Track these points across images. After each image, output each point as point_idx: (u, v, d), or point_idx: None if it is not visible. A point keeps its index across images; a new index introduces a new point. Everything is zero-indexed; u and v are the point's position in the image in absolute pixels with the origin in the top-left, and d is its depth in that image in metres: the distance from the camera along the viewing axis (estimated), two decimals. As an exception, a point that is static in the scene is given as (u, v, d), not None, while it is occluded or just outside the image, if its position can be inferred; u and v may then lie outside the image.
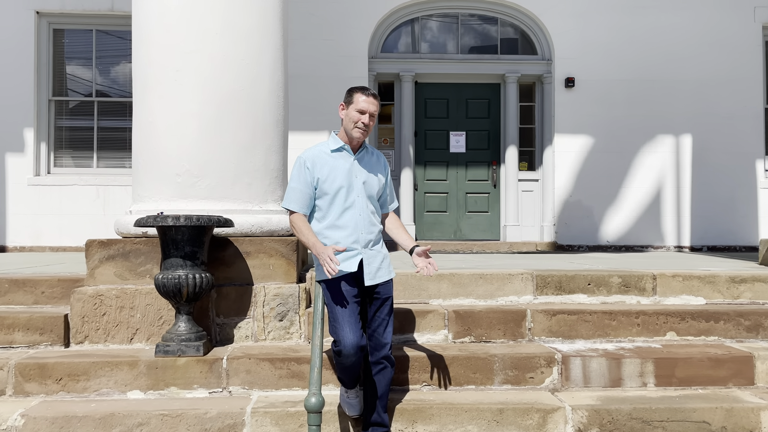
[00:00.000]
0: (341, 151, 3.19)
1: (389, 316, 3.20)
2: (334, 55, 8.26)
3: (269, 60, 4.23)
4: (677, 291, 4.27)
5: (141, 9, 4.11)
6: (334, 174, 3.13)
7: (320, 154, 3.18)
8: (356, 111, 3.10)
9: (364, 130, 3.13)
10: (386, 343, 3.16)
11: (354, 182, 3.16)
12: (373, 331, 3.17)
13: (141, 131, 4.16)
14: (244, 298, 3.91)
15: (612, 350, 3.76)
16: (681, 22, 8.49)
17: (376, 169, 3.27)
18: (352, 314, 3.03)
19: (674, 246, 8.52)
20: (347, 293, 3.07)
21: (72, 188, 8.06)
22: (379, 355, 3.14)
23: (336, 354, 3.04)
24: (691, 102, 8.50)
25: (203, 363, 3.51)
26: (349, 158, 3.19)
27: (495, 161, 8.77)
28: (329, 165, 3.14)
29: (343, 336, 2.97)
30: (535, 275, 4.24)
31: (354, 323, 3.01)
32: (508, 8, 8.64)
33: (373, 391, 3.15)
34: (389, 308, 3.21)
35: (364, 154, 3.25)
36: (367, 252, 3.15)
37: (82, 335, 3.81)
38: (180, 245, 3.54)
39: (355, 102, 3.11)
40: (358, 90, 3.13)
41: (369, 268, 3.14)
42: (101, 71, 8.35)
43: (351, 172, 3.16)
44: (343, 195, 3.13)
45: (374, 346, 3.16)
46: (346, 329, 2.97)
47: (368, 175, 3.21)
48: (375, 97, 3.14)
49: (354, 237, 3.13)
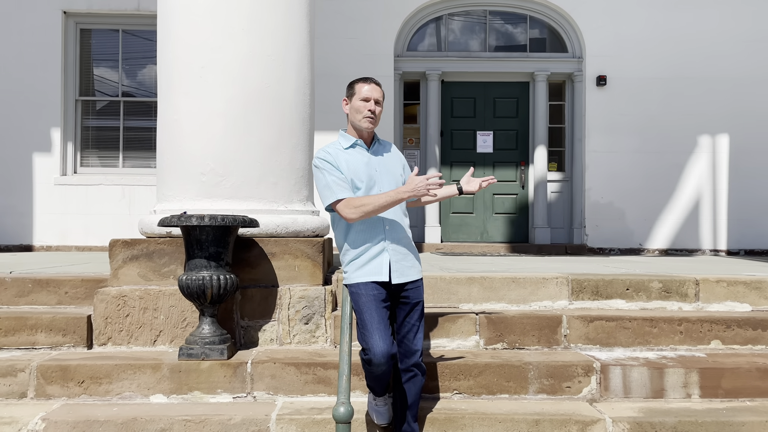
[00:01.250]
0: (355, 147, 3.06)
1: (419, 322, 3.06)
2: (359, 54, 8.15)
3: (295, 57, 4.12)
4: (721, 297, 4.06)
5: (166, 5, 4.03)
6: (354, 170, 2.99)
7: (336, 151, 3.04)
8: (361, 100, 2.98)
9: (372, 118, 2.98)
10: (416, 350, 3.02)
11: (374, 176, 3.02)
12: (403, 337, 3.04)
13: (166, 130, 4.08)
14: (269, 300, 3.81)
15: (653, 359, 3.58)
16: (719, 18, 8.21)
17: (394, 160, 3.14)
18: (382, 320, 2.89)
19: (710, 250, 8.25)
20: (376, 298, 2.93)
21: (98, 188, 8.06)
22: (409, 362, 3.01)
23: (365, 363, 2.90)
24: (729, 101, 8.21)
25: (227, 367, 3.41)
26: (365, 153, 3.06)
27: (523, 161, 8.58)
28: (346, 161, 3.00)
29: (372, 344, 2.83)
30: (571, 279, 4.07)
31: (384, 330, 2.87)
32: (537, 5, 8.44)
33: (403, 399, 3.02)
34: (419, 313, 3.06)
35: (378, 147, 3.13)
36: (395, 248, 3.00)
37: (105, 337, 3.74)
38: (204, 246, 3.44)
39: (357, 92, 2.99)
40: (358, 81, 3.01)
41: (397, 266, 2.99)
42: (127, 71, 8.34)
43: (370, 166, 3.03)
44: (364, 190, 2.99)
45: (404, 352, 3.02)
46: (375, 337, 2.83)
47: (387, 167, 3.08)
48: (377, 84, 3.02)
49: (378, 233, 2.98)
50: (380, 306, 2.93)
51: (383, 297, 2.96)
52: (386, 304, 2.97)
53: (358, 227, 3.00)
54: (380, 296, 2.95)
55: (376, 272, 2.96)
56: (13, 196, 7.97)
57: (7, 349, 3.66)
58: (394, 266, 2.98)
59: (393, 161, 3.14)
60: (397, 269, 2.99)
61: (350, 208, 2.89)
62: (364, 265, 2.97)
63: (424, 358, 3.17)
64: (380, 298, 2.94)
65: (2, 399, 3.33)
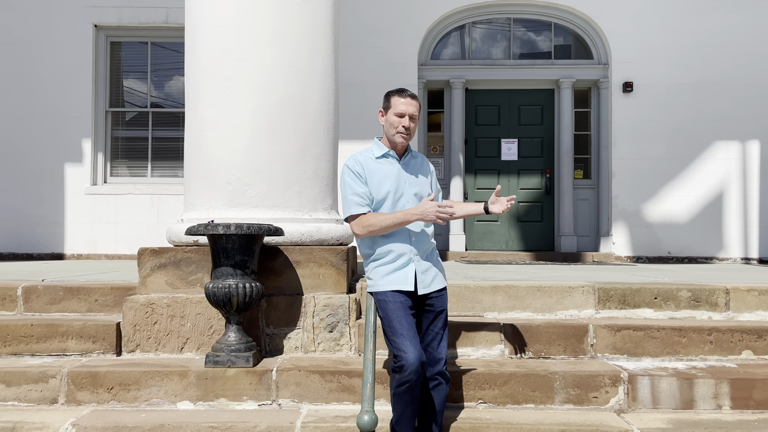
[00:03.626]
0: (387, 157, 3.08)
1: (443, 330, 3.06)
2: (383, 63, 8.19)
3: (320, 66, 4.16)
4: (752, 306, 3.98)
5: (193, 16, 4.11)
6: (383, 180, 3.02)
7: (366, 160, 3.06)
8: (395, 115, 2.98)
9: (406, 134, 2.99)
10: (441, 358, 3.02)
11: (403, 187, 3.05)
12: (427, 345, 3.03)
13: (193, 139, 4.15)
14: (293, 308, 3.83)
15: (683, 369, 3.52)
16: (749, 21, 8.07)
17: (424, 173, 3.17)
18: (411, 327, 2.89)
19: (741, 258, 8.08)
20: (403, 304, 2.94)
21: (127, 197, 8.20)
22: (433, 370, 2.99)
23: (397, 370, 2.87)
24: (760, 107, 8.06)
25: (253, 374, 3.43)
26: (395, 164, 3.08)
27: (548, 169, 8.51)
28: (377, 171, 3.03)
29: (404, 348, 2.82)
30: (597, 288, 4.02)
31: (414, 336, 2.87)
32: (561, 11, 8.40)
33: (428, 408, 3.00)
34: (443, 321, 3.07)
35: (410, 159, 3.14)
36: (420, 260, 3.03)
37: (133, 344, 3.80)
38: (230, 254, 3.48)
39: (393, 106, 2.99)
40: (394, 93, 3.00)
41: (422, 277, 3.01)
42: (156, 83, 8.50)
43: (399, 178, 3.05)
44: (391, 200, 3.01)
45: (428, 361, 3.00)
46: (407, 343, 2.82)
47: (417, 180, 3.11)
48: (413, 97, 3.00)
49: (404, 244, 3.00)
50: (408, 313, 2.93)
51: (410, 304, 2.97)
52: (413, 311, 2.98)
53: (385, 237, 3.00)
54: (407, 303, 2.96)
55: (402, 282, 2.97)
56: (45, 206, 8.15)
57: (39, 355, 3.74)
58: (420, 277, 3.00)
59: (423, 173, 3.16)
60: (422, 280, 3.00)
61: (359, 226, 2.98)
62: (390, 274, 2.98)
63: (448, 367, 3.17)
64: (407, 305, 2.95)
65: (34, 405, 3.40)
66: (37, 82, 8.15)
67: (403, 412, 2.89)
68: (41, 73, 8.15)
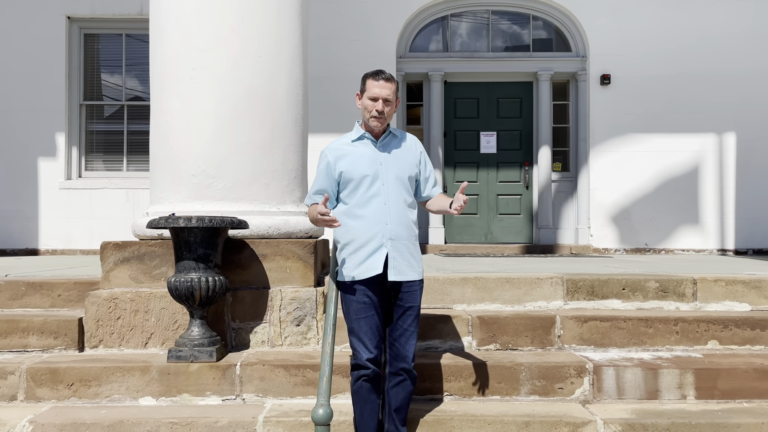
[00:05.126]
0: (363, 140, 2.99)
1: (412, 327, 2.94)
2: (361, 56, 8.13)
3: (287, 57, 4.11)
4: (720, 297, 3.99)
5: (157, 6, 4.04)
6: (357, 162, 2.93)
7: (342, 145, 3.01)
8: (369, 99, 2.91)
9: (380, 118, 2.90)
10: (406, 354, 2.92)
11: (379, 170, 2.93)
12: (394, 340, 2.94)
13: (158, 131, 4.08)
14: (260, 302, 3.79)
15: (648, 360, 3.52)
16: (724, 15, 8.10)
17: (405, 154, 3.01)
18: (370, 328, 2.83)
19: (717, 249, 8.13)
20: (366, 304, 2.85)
21: (102, 192, 8.11)
22: (398, 365, 2.92)
23: (353, 367, 2.87)
24: (736, 99, 8.10)
25: (216, 369, 3.39)
26: (371, 146, 2.98)
27: (527, 162, 8.51)
28: (351, 154, 2.95)
29: (359, 349, 2.80)
30: (566, 279, 4.01)
31: (372, 337, 2.82)
32: (540, 4, 8.39)
33: (391, 404, 2.95)
34: (412, 318, 2.94)
35: (390, 140, 3.02)
36: (395, 244, 2.88)
37: (96, 339, 3.74)
38: (193, 247, 3.44)
39: (367, 89, 2.92)
40: (369, 75, 2.93)
41: (394, 262, 2.87)
42: (131, 75, 8.39)
43: (375, 160, 2.94)
44: (367, 183, 2.90)
45: (394, 355, 2.94)
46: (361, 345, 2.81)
47: (396, 161, 2.96)
48: (388, 79, 2.90)
49: (378, 228, 2.87)
50: (370, 311, 2.86)
51: (375, 302, 2.88)
52: (378, 309, 2.89)
53: (355, 218, 2.91)
54: (372, 302, 2.86)
55: (371, 267, 2.85)
56: (19, 200, 8.03)
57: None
58: (392, 263, 2.88)
59: (405, 155, 3.01)
60: (394, 266, 2.88)
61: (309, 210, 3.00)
62: (357, 261, 2.88)
63: (417, 360, 3.10)
64: (372, 305, 2.86)
65: (-7, 401, 3.34)
66: (8, 75, 8.02)
67: (362, 409, 2.87)
68: (13, 66, 8.02)
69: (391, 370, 2.94)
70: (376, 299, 2.90)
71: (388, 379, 2.94)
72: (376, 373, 2.84)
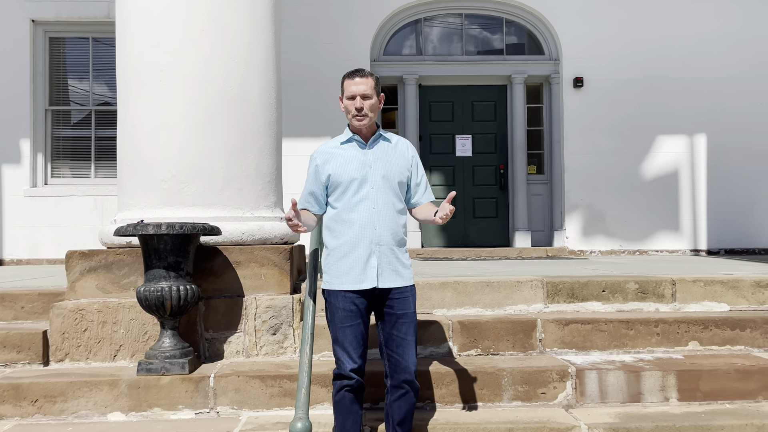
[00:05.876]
0: (351, 142, 2.88)
1: (409, 336, 2.78)
2: (335, 59, 8.05)
3: (260, 58, 4.01)
4: (698, 297, 3.98)
5: (123, 7, 3.91)
6: (345, 165, 2.81)
7: (330, 149, 2.89)
8: (347, 99, 2.81)
9: (361, 116, 2.79)
10: (406, 365, 2.75)
11: (368, 173, 2.81)
12: (392, 351, 2.78)
13: (125, 136, 3.94)
14: (234, 310, 3.67)
15: (630, 362, 3.48)
16: (694, 18, 8.21)
17: (396, 158, 2.88)
18: (355, 338, 2.72)
19: (690, 249, 8.21)
20: (353, 313, 2.74)
21: (69, 199, 7.88)
22: (399, 378, 2.75)
23: (335, 377, 2.76)
24: (706, 100, 8.20)
25: (189, 381, 3.26)
26: (360, 148, 2.86)
27: (502, 165, 8.50)
28: (340, 157, 2.84)
29: (343, 359, 2.71)
30: (546, 282, 3.97)
31: (356, 348, 2.72)
32: (513, 7, 8.40)
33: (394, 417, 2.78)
34: (407, 326, 2.78)
35: (380, 142, 2.89)
36: (384, 250, 2.76)
37: (62, 353, 3.58)
38: (163, 255, 3.31)
39: (344, 90, 2.82)
40: (346, 76, 2.83)
41: (383, 269, 2.75)
42: (98, 80, 8.18)
43: (364, 163, 2.82)
44: (355, 187, 2.79)
45: (393, 367, 2.77)
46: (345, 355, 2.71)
47: (386, 164, 2.84)
48: (363, 75, 2.80)
49: (366, 233, 2.76)
50: (356, 321, 2.74)
51: (362, 311, 2.76)
52: (365, 318, 2.78)
53: (341, 224, 2.80)
54: (358, 311, 2.75)
55: (359, 279, 2.74)
56: (-19, 209, 7.76)
57: (-41, 367, 3.49)
58: (380, 269, 2.76)
59: (395, 159, 2.88)
60: (382, 273, 2.76)
61: None
62: (344, 269, 2.76)
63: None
64: (358, 313, 2.75)
65: (-49, 421, 3.17)
66: (-31, 80, 7.75)
67: (344, 420, 2.75)
68: (-26, 70, 7.76)
69: (392, 383, 2.77)
70: (363, 308, 2.78)
71: (390, 392, 2.78)
72: (359, 383, 2.74)
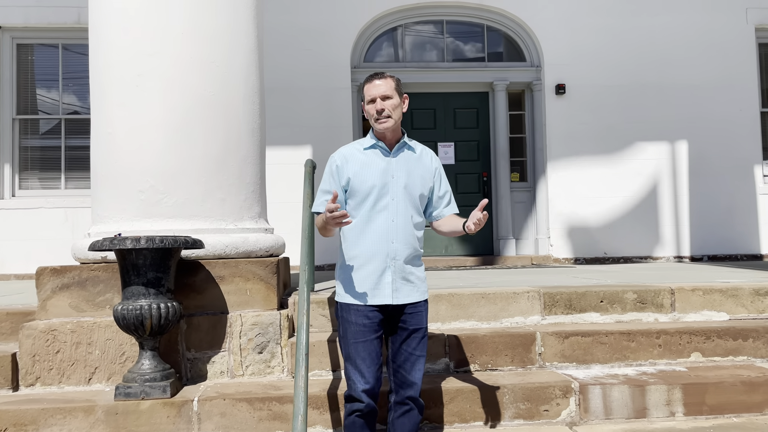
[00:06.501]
0: (375, 149, 2.72)
1: (418, 351, 2.66)
2: (315, 66, 7.88)
3: (242, 63, 3.82)
4: (698, 306, 3.89)
5: (98, 7, 3.69)
6: (367, 172, 2.66)
7: (353, 151, 2.73)
8: (368, 104, 2.66)
9: (383, 118, 2.63)
10: (413, 382, 2.64)
11: (389, 183, 2.66)
12: (399, 366, 2.65)
13: (99, 144, 3.72)
14: (218, 328, 3.47)
15: (633, 376, 3.36)
16: (673, 25, 8.23)
17: (419, 169, 2.73)
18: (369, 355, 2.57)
19: (674, 256, 8.18)
20: (366, 327, 2.59)
21: (38, 211, 7.55)
22: (403, 393, 2.64)
23: (347, 399, 2.60)
24: (686, 107, 8.22)
25: (171, 406, 3.05)
26: (384, 156, 2.70)
27: (485, 172, 8.40)
28: (361, 162, 2.68)
29: (355, 379, 2.55)
30: (543, 293, 3.84)
31: (370, 365, 2.56)
32: (494, 14, 8.33)
33: None
34: (418, 341, 2.66)
35: (405, 151, 2.74)
36: (399, 264, 2.62)
37: (32, 377, 3.33)
38: (142, 271, 3.09)
39: (365, 95, 2.67)
40: (366, 81, 2.69)
41: (398, 284, 2.62)
42: (68, 87, 7.89)
43: (386, 172, 2.67)
44: (375, 196, 2.64)
45: (399, 383, 2.65)
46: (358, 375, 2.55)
47: (408, 176, 2.69)
48: (383, 77, 2.66)
49: (382, 247, 2.62)
50: (370, 337, 2.59)
51: (376, 325, 2.61)
52: (379, 333, 2.63)
53: (357, 235, 2.66)
54: (372, 325, 2.60)
55: (373, 294, 2.61)
56: (-56, 222, 7.40)
57: None
58: (395, 284, 2.63)
59: (419, 170, 2.74)
60: (397, 288, 2.63)
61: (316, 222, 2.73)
62: (358, 282, 2.63)
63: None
64: (372, 328, 2.60)
65: None
66: (-69, 88, 7.41)
67: None
68: (-64, 78, 7.41)
69: (396, 399, 2.65)
70: (377, 321, 2.63)
71: (393, 409, 2.65)
72: (370, 408, 2.57)
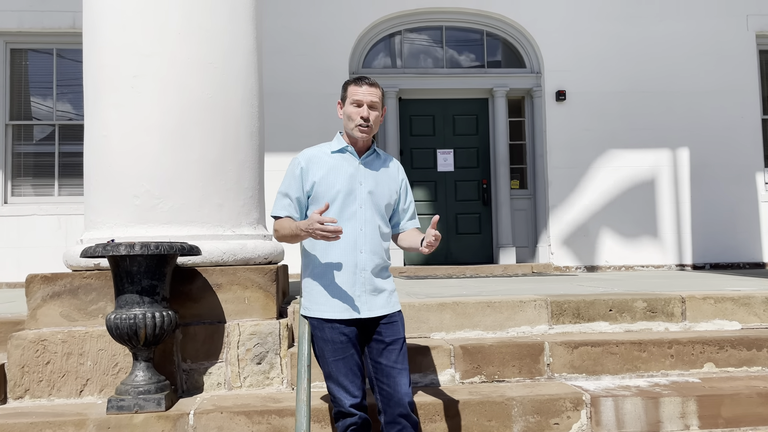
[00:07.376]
0: (344, 153, 2.61)
1: (399, 364, 2.51)
2: (312, 71, 7.80)
3: (241, 64, 3.72)
4: (709, 315, 3.78)
5: (92, 6, 3.59)
6: (334, 177, 2.55)
7: (319, 153, 2.61)
8: (352, 105, 2.54)
9: (365, 127, 2.53)
10: (401, 397, 2.47)
11: (357, 189, 2.56)
12: (381, 382, 2.50)
13: (93, 148, 3.60)
14: (215, 338, 3.34)
15: (646, 387, 3.25)
16: (675, 32, 8.18)
17: (387, 179, 2.66)
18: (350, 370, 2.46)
19: (676, 264, 8.09)
20: (343, 344, 2.48)
21: (31, 218, 7.42)
22: (393, 412, 2.46)
23: (335, 417, 2.49)
24: (688, 114, 8.15)
25: (166, 420, 2.92)
26: (353, 161, 2.60)
27: (485, 180, 8.31)
28: (328, 166, 2.57)
29: (340, 397, 2.43)
30: (550, 302, 3.73)
31: (353, 381, 2.45)
32: (494, 20, 8.27)
33: None
34: (397, 353, 2.52)
35: (374, 159, 2.66)
36: (368, 276, 2.54)
37: (21, 389, 3.20)
38: (136, 278, 2.97)
39: (349, 95, 2.55)
40: (351, 82, 2.57)
41: (368, 297, 2.52)
42: (63, 93, 7.77)
43: (354, 178, 2.57)
44: (340, 203, 2.54)
45: (386, 401, 2.49)
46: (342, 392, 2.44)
47: (377, 183, 2.61)
48: (372, 84, 2.55)
49: (350, 257, 2.52)
50: (348, 351, 2.48)
51: (353, 340, 2.51)
52: (357, 347, 2.52)
53: (326, 248, 2.54)
54: (349, 341, 2.50)
55: (344, 308, 2.51)
56: (-66, 230, 7.25)
57: None
58: (366, 297, 2.53)
59: (387, 179, 2.66)
60: (367, 300, 2.53)
61: (276, 226, 2.60)
62: (327, 296, 2.52)
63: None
64: (350, 342, 2.49)
65: None
66: None
67: None
68: (-72, 82, 7.29)
69: (386, 419, 2.48)
70: (353, 336, 2.52)
71: (385, 430, 2.48)
72: (363, 419, 2.45)
